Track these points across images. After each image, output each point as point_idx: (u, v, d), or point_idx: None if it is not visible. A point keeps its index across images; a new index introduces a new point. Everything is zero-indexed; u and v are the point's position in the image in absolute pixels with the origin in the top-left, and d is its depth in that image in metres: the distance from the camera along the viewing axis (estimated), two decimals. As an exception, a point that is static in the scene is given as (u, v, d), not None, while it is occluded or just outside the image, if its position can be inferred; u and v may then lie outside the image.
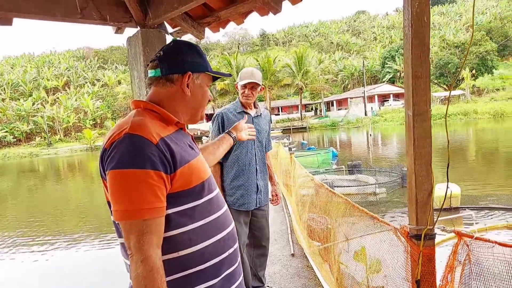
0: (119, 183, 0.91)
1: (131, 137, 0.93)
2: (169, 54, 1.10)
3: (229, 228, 1.12)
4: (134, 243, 0.90)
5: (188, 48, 1.13)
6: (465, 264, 1.28)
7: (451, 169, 7.79)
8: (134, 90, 2.76)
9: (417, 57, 1.34)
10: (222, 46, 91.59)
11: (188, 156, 1.04)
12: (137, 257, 0.89)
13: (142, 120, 0.99)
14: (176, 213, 0.99)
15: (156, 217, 0.93)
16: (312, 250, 3.68)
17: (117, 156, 0.92)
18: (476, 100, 44.03)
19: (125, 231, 0.92)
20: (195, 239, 1.01)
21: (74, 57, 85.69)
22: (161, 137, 0.97)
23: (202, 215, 1.04)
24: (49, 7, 2.23)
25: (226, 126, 2.61)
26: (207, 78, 1.15)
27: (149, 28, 2.56)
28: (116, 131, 0.97)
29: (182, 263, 0.99)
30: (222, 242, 1.07)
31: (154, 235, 0.92)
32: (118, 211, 0.91)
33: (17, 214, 12.68)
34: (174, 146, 1.00)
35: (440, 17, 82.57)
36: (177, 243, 0.99)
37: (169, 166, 0.96)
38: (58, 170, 28.65)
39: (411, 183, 1.40)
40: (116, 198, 0.92)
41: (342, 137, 33.20)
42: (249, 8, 2.37)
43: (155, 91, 1.11)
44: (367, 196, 8.80)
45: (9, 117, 59.31)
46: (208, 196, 1.07)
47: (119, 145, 0.93)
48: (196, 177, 1.03)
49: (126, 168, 0.90)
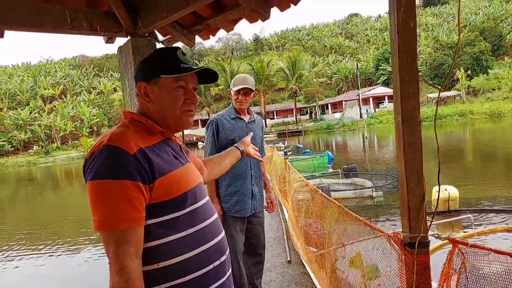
0: (96, 194, 0.91)
1: (108, 148, 0.94)
2: (136, 69, 1.12)
3: (215, 240, 1.08)
4: (111, 253, 0.90)
5: (147, 58, 1.11)
6: (461, 272, 1.26)
7: (449, 170, 7.78)
8: (125, 98, 2.74)
9: (404, 62, 1.34)
10: (216, 52, 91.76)
11: (170, 166, 1.02)
12: (113, 267, 0.89)
13: (121, 131, 0.99)
14: (156, 224, 0.97)
15: (132, 227, 0.91)
16: (308, 257, 3.65)
17: (95, 167, 0.92)
18: (472, 101, 44.29)
19: (103, 241, 0.92)
20: (176, 250, 0.98)
21: (70, 65, 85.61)
22: (139, 148, 0.96)
23: (184, 226, 1.01)
24: (39, 19, 2.21)
25: (221, 132, 2.61)
26: (169, 81, 1.06)
27: (139, 37, 2.55)
28: (97, 142, 0.98)
29: (162, 275, 0.97)
30: (206, 254, 1.04)
31: (131, 246, 0.90)
32: (96, 221, 0.91)
33: (16, 222, 12.56)
34: (153, 156, 0.98)
35: (433, 18, 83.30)
36: (156, 254, 0.97)
37: (147, 176, 0.95)
38: (56, 178, 28.47)
39: (403, 190, 1.39)
40: (93, 208, 0.92)
41: (337, 140, 33.27)
42: (238, 15, 2.37)
43: (138, 102, 1.12)
44: (364, 199, 8.78)
45: (7, 127, 59.08)
46: (192, 206, 1.04)
47: (98, 156, 0.94)
48: (177, 187, 1.01)
49: (103, 179, 0.91)
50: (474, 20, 62.93)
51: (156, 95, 1.07)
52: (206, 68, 1.12)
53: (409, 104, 1.39)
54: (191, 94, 1.10)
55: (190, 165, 1.14)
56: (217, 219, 1.15)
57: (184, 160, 1.12)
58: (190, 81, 1.10)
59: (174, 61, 1.07)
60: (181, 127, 1.12)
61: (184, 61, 1.08)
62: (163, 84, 1.06)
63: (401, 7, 1.32)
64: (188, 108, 1.10)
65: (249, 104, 2.79)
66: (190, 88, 1.10)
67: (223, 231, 1.16)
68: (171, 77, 1.06)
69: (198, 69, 1.09)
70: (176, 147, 1.13)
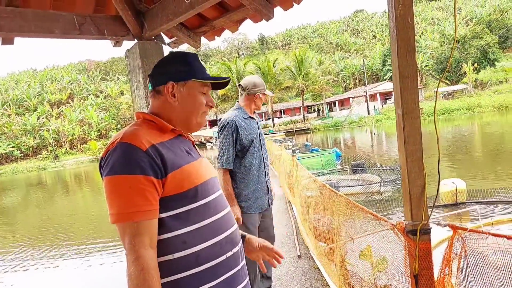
0: (112, 188, 0.98)
1: (122, 146, 1.01)
2: (155, 68, 1.19)
3: (227, 232, 1.13)
4: (127, 244, 0.96)
5: (173, 59, 1.18)
6: (461, 256, 1.31)
7: (457, 163, 7.76)
8: (134, 100, 2.82)
9: (403, 57, 1.39)
10: (222, 52, 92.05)
11: (182, 161, 1.08)
12: (129, 257, 0.95)
13: (134, 130, 1.07)
14: (170, 216, 1.03)
15: (146, 219, 0.98)
16: (318, 251, 3.70)
17: (110, 163, 0.99)
18: (479, 94, 43.72)
19: (120, 233, 0.99)
20: (190, 242, 1.04)
21: (76, 70, 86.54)
22: (151, 144, 1.03)
23: (197, 218, 1.06)
24: (49, 25, 2.30)
25: (241, 132, 2.64)
26: (197, 85, 1.17)
27: (146, 40, 2.63)
28: (111, 141, 1.05)
29: (177, 266, 1.02)
30: (219, 245, 1.09)
31: (146, 236, 0.97)
32: (112, 215, 0.98)
33: (28, 226, 12.80)
34: (165, 151, 1.05)
35: (439, 12, 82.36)
36: (171, 246, 1.02)
37: (160, 171, 1.01)
38: (65, 182, 28.87)
39: (404, 180, 1.43)
40: (109, 202, 0.99)
41: (345, 137, 33.14)
42: (242, 16, 2.43)
43: (152, 102, 1.19)
44: (372, 195, 8.79)
45: (16, 132, 59.95)
46: (204, 200, 1.09)
47: (112, 153, 1.01)
48: (189, 181, 1.07)
49: (118, 174, 0.98)
50: (481, 13, 62.09)
51: (183, 96, 1.15)
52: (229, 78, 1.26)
53: (409, 97, 1.44)
54: (210, 99, 1.21)
55: (202, 160, 1.20)
56: (230, 212, 1.20)
57: (196, 155, 1.18)
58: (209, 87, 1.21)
59: (203, 68, 1.18)
60: (197, 127, 1.21)
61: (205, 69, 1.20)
62: (191, 86, 1.15)
63: (399, 4, 1.37)
64: (206, 110, 1.20)
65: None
66: (209, 93, 1.21)
67: (235, 223, 1.20)
68: (201, 81, 1.16)
69: (224, 80, 1.21)
70: (189, 143, 1.19)
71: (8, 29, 2.12)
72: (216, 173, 1.27)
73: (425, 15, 79.95)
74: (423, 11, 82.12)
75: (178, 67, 1.17)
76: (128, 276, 0.94)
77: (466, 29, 52.86)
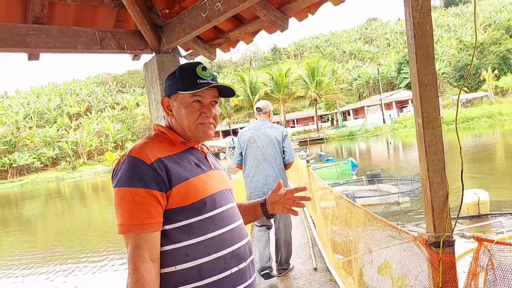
0: (117, 200, 1.02)
1: (129, 159, 1.04)
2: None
3: (234, 246, 1.10)
4: (128, 255, 0.99)
5: (171, 74, 1.20)
6: (488, 269, 1.26)
7: (479, 174, 7.56)
8: (152, 112, 2.88)
9: (422, 65, 1.37)
10: (235, 63, 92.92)
11: (188, 174, 1.08)
12: (128, 268, 0.97)
13: (142, 143, 1.10)
14: (174, 228, 1.04)
15: (147, 232, 0.99)
16: (335, 264, 3.63)
17: (118, 175, 1.03)
18: (500, 101, 42.61)
19: (125, 244, 1.01)
20: (192, 254, 1.03)
21: (94, 83, 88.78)
22: (158, 158, 1.05)
23: (201, 231, 1.06)
24: (72, 41, 2.38)
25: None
26: (186, 96, 1.14)
27: (163, 53, 2.69)
28: (123, 154, 1.10)
29: (179, 278, 1.02)
30: (223, 260, 1.06)
31: (145, 249, 0.98)
32: (117, 225, 1.01)
33: (47, 234, 13.05)
34: (171, 165, 1.06)
35: (455, 19, 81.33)
36: (174, 257, 1.03)
37: (164, 184, 1.03)
38: (83, 193, 29.41)
39: (426, 191, 1.40)
40: (116, 213, 1.02)
41: (361, 146, 32.74)
42: (257, 27, 2.45)
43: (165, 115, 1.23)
44: (390, 206, 8.61)
45: (36, 144, 61.73)
46: (210, 212, 1.08)
47: (121, 166, 1.05)
48: (195, 194, 1.06)
49: (123, 187, 1.01)
50: (499, 18, 60.96)
51: (176, 109, 1.16)
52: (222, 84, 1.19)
53: (429, 106, 1.41)
54: (207, 108, 1.15)
55: (214, 172, 1.18)
56: (241, 225, 1.17)
57: (208, 167, 1.17)
58: (207, 95, 1.16)
59: (192, 77, 1.14)
60: (200, 138, 1.18)
61: (202, 77, 1.15)
62: (181, 99, 1.15)
63: (416, 13, 1.36)
64: (203, 121, 1.15)
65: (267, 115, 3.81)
66: (207, 102, 1.16)
67: (246, 237, 1.17)
68: (187, 93, 1.13)
69: (210, 86, 1.13)
70: (200, 155, 1.19)
71: (35, 45, 2.21)
72: (231, 185, 1.25)
73: (441, 22, 79.08)
74: (438, 17, 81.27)
75: (169, 81, 1.19)
76: (126, 286, 0.96)
77: (484, 35, 51.95)
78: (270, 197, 1.31)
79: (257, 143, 3.56)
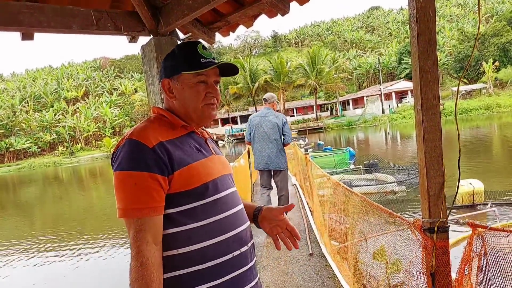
0: (118, 184, 1.00)
1: (130, 142, 1.01)
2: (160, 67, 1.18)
3: (236, 230, 1.11)
4: (131, 239, 0.97)
5: (169, 55, 1.16)
6: (481, 255, 1.28)
7: (475, 164, 7.59)
8: (149, 96, 2.84)
9: (423, 51, 1.35)
10: (235, 50, 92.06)
11: (190, 158, 1.06)
12: (132, 252, 0.96)
13: (143, 126, 1.07)
14: (177, 212, 1.03)
15: (150, 216, 0.98)
16: (331, 250, 3.67)
17: (119, 159, 1.01)
18: (499, 93, 42.58)
19: (126, 227, 1.00)
20: (195, 238, 1.03)
21: (91, 67, 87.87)
22: (159, 141, 1.02)
23: (203, 215, 1.05)
24: (67, 21, 2.33)
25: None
26: (190, 76, 1.11)
27: (161, 35, 2.64)
28: (123, 137, 1.06)
29: (181, 261, 1.02)
30: (225, 243, 1.07)
31: (148, 233, 0.97)
32: (118, 209, 0.99)
33: (45, 219, 13.12)
34: (173, 149, 1.04)
35: (458, 9, 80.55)
36: (176, 241, 1.02)
37: (166, 168, 1.01)
38: (80, 178, 29.47)
39: (422, 177, 1.40)
40: (116, 197, 1.00)
41: (359, 136, 32.78)
42: (257, 11, 2.41)
43: (165, 98, 1.18)
44: (386, 194, 8.67)
45: (33, 128, 61.51)
46: (212, 197, 1.08)
47: (121, 149, 1.02)
48: (197, 179, 1.05)
49: (124, 170, 0.98)
50: (502, 9, 60.41)
51: (179, 90, 1.11)
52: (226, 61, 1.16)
53: (428, 91, 1.40)
54: (212, 88, 1.12)
55: (214, 157, 1.17)
56: (242, 210, 1.17)
57: (208, 152, 1.15)
58: (211, 75, 1.12)
59: (194, 57, 1.10)
60: (205, 120, 1.15)
61: (204, 56, 1.11)
62: (184, 79, 1.10)
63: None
64: (210, 102, 1.13)
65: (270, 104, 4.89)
66: (211, 82, 1.13)
67: (247, 222, 1.17)
68: (191, 73, 1.09)
69: (218, 64, 1.12)
70: (201, 140, 1.17)
71: (28, 24, 2.16)
72: (231, 170, 1.24)
73: (443, 12, 78.30)
74: (441, 7, 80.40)
75: (168, 62, 1.15)
76: (129, 269, 0.95)
77: (486, 27, 51.51)
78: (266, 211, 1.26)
79: (263, 127, 4.65)
